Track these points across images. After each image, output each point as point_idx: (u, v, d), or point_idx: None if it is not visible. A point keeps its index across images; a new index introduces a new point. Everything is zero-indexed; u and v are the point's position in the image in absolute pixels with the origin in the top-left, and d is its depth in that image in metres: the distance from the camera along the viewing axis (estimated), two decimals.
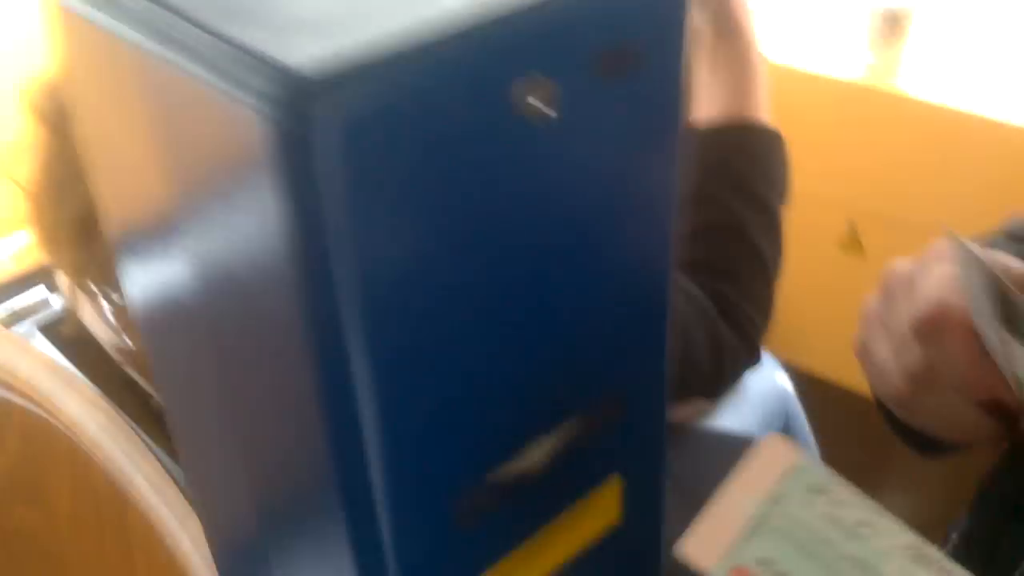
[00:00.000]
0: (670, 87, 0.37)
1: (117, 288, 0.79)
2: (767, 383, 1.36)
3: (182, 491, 0.74)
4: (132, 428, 0.76)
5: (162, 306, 0.44)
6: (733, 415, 1.26)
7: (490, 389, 0.39)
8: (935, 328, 0.49)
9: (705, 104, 1.03)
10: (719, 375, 1.01)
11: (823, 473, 0.41)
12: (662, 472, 0.50)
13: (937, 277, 0.50)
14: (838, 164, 1.53)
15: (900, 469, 1.84)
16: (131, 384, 0.86)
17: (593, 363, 0.43)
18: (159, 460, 0.75)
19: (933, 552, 0.40)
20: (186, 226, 0.38)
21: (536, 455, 0.43)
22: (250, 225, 0.33)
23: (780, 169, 1.03)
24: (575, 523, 0.47)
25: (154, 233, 0.41)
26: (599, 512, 0.48)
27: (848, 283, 1.60)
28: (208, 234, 0.37)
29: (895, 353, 0.53)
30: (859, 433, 1.83)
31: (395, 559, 0.40)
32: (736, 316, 0.99)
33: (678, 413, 1.20)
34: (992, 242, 0.65)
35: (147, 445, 0.76)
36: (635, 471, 0.48)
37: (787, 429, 1.39)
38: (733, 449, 1.32)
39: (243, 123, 0.30)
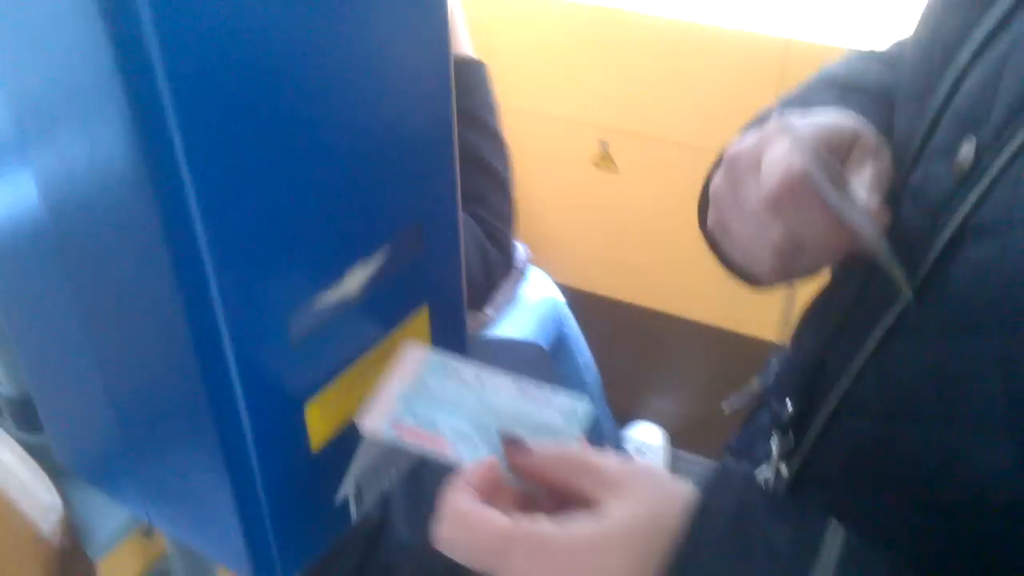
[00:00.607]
0: None
1: None
2: (540, 295, 1.47)
3: None
4: None
5: (8, 222, 0.48)
6: (513, 325, 1.37)
7: (305, 222, 0.45)
8: (788, 197, 0.51)
9: None
10: (489, 286, 1.11)
11: (446, 357, 0.54)
12: (461, 301, 0.57)
13: (777, 150, 0.52)
14: (587, 86, 1.64)
15: (665, 370, 2.01)
16: None
17: (392, 196, 0.49)
18: None
19: (531, 383, 0.53)
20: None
21: (353, 282, 0.49)
22: (81, 76, 0.38)
23: (492, 96, 1.14)
24: (393, 349, 0.54)
25: None
26: (414, 335, 0.55)
27: (604, 199, 1.73)
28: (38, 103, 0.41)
29: (755, 233, 0.55)
30: (626, 340, 1.99)
31: (240, 382, 0.46)
32: (494, 234, 1.10)
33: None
34: (808, 90, 0.68)
35: None
36: (439, 300, 0.55)
37: (561, 334, 1.50)
38: (516, 354, 1.43)
39: None
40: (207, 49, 0.38)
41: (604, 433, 1.71)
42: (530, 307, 1.42)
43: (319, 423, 0.51)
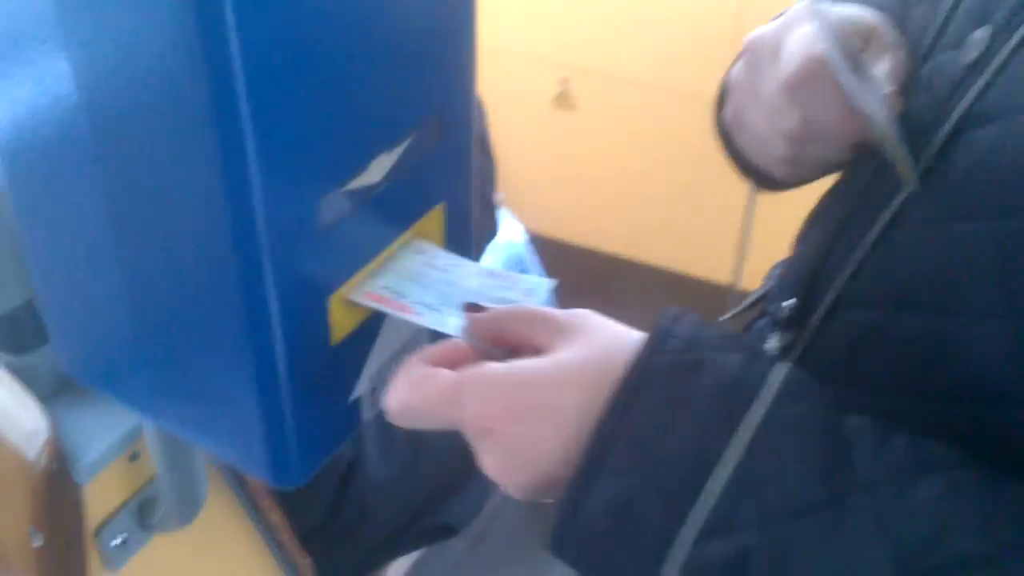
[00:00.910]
0: None
1: None
2: (505, 238, 1.49)
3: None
4: None
5: (31, 116, 0.47)
6: (482, 260, 1.38)
7: (337, 108, 0.45)
8: (806, 82, 0.52)
9: None
10: (478, 248, 1.13)
11: (423, 243, 0.56)
12: (471, 203, 0.58)
13: (798, 36, 0.53)
14: (546, 23, 1.64)
15: (622, 314, 2.03)
16: None
17: (415, 87, 0.50)
18: None
19: (499, 269, 0.55)
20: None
21: (378, 169, 0.49)
22: None
23: None
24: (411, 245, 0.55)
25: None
26: (429, 238, 0.56)
27: (564, 140, 1.74)
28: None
29: (769, 120, 0.56)
30: (584, 283, 2.01)
31: (272, 269, 0.45)
32: (483, 195, 1.11)
33: None
34: None
35: None
36: (453, 199, 0.56)
37: (523, 270, 1.52)
38: None
39: None
40: None
41: None
42: (496, 248, 1.44)
43: (340, 318, 0.51)
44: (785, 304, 0.63)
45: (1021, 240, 0.46)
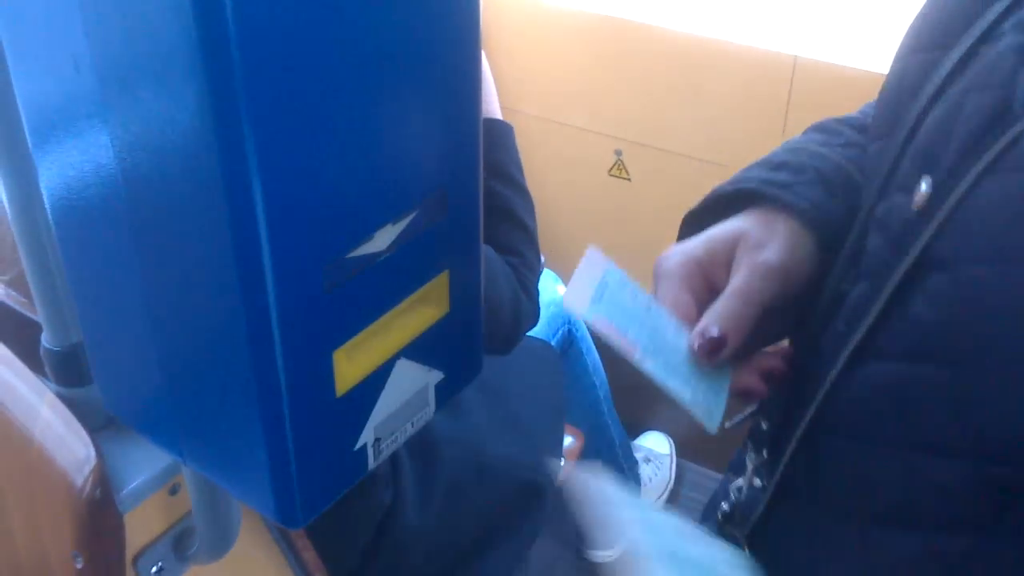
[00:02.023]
0: None
1: None
2: (550, 294, 1.52)
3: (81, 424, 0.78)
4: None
5: (78, 180, 0.53)
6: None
7: (344, 184, 0.50)
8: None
9: None
10: (516, 332, 1.16)
11: (624, 274, 0.66)
12: (479, 271, 0.62)
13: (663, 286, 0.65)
14: (603, 98, 1.70)
15: None
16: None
17: (421, 164, 0.54)
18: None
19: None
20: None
21: (383, 239, 0.54)
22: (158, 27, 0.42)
23: (518, 153, 1.21)
24: (415, 310, 0.59)
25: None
26: (432, 302, 0.60)
27: (618, 206, 1.77)
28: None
29: None
30: None
31: (279, 325, 0.50)
32: (525, 283, 1.16)
33: None
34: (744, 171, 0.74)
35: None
36: (459, 266, 0.60)
37: (570, 334, 1.55)
38: (529, 351, 1.47)
39: None
40: (279, 26, 0.43)
41: (613, 438, 1.74)
42: (542, 306, 1.46)
43: (345, 371, 0.55)
44: (761, 423, 0.66)
45: (973, 386, 0.48)
